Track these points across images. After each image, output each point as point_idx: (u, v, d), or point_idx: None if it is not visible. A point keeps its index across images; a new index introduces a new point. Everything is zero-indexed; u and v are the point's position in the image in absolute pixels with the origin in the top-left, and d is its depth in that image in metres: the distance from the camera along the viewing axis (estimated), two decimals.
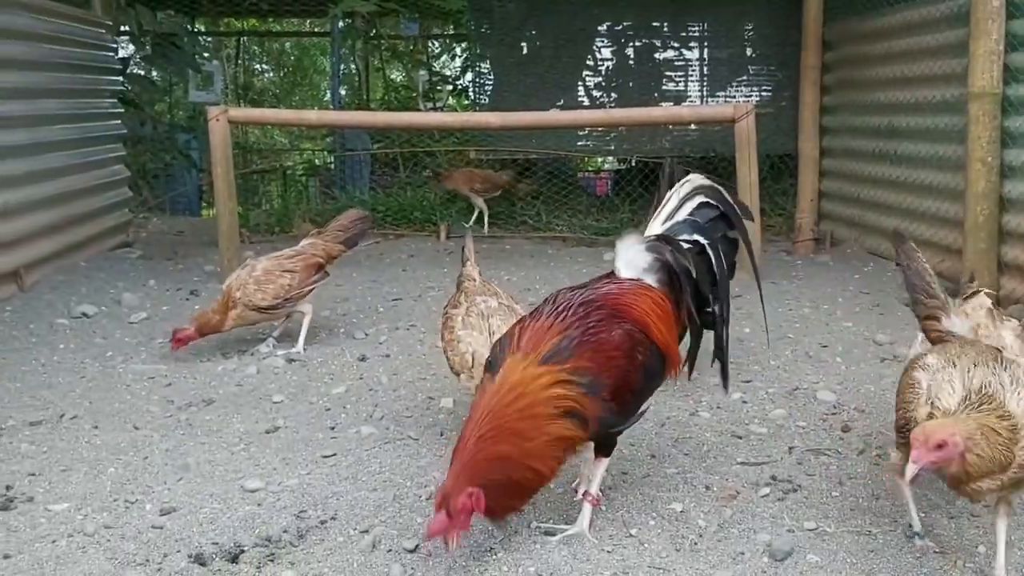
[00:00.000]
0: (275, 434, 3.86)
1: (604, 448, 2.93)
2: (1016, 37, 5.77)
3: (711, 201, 3.07)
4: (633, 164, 11.52)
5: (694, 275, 2.96)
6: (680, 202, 3.06)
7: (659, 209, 3.10)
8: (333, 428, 3.90)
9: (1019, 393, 2.40)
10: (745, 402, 4.22)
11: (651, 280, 2.95)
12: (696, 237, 3.02)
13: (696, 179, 3.13)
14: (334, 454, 3.58)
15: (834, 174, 8.71)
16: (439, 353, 4.14)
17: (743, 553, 2.76)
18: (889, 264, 7.32)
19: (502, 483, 2.58)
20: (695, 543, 2.83)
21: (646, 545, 2.82)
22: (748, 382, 4.49)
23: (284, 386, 4.51)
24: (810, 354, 4.94)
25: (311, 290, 5.18)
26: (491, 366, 2.77)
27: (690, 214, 3.06)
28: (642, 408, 2.93)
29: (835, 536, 2.88)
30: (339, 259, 5.47)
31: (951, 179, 6.45)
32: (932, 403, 2.48)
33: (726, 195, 3.12)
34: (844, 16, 8.32)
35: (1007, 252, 5.88)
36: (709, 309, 3.03)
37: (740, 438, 3.76)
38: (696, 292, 2.98)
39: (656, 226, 3.07)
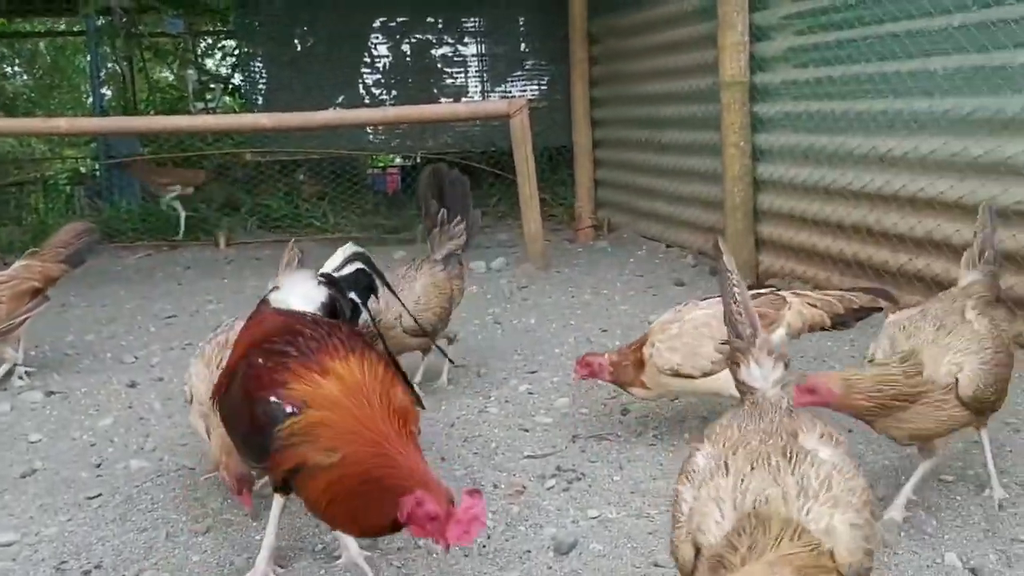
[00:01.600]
0: (32, 477, 3.52)
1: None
2: (759, 28, 6.20)
3: (366, 269, 3.08)
4: (419, 160, 11.52)
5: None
6: (344, 261, 3.04)
7: (328, 262, 3.05)
8: (99, 465, 3.61)
9: (808, 508, 1.74)
10: (532, 393, 4.28)
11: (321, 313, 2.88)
12: (352, 295, 3.01)
13: (352, 246, 3.13)
14: (99, 494, 3.31)
15: (607, 164, 9.07)
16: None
17: (529, 551, 2.79)
18: (660, 247, 7.72)
19: None
20: (483, 545, 2.83)
21: (434, 554, 2.79)
22: (534, 372, 4.57)
23: (43, 423, 4.13)
24: (591, 340, 5.10)
25: (24, 320, 4.58)
26: None
27: (352, 273, 3.04)
28: None
29: (616, 522, 2.97)
30: (62, 280, 4.91)
31: (710, 164, 6.86)
32: (695, 538, 1.80)
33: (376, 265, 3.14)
34: (606, 11, 8.66)
35: (762, 230, 6.33)
36: None
37: (527, 431, 3.81)
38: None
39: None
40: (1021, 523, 2.80)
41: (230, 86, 13.77)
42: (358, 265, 3.06)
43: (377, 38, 11.40)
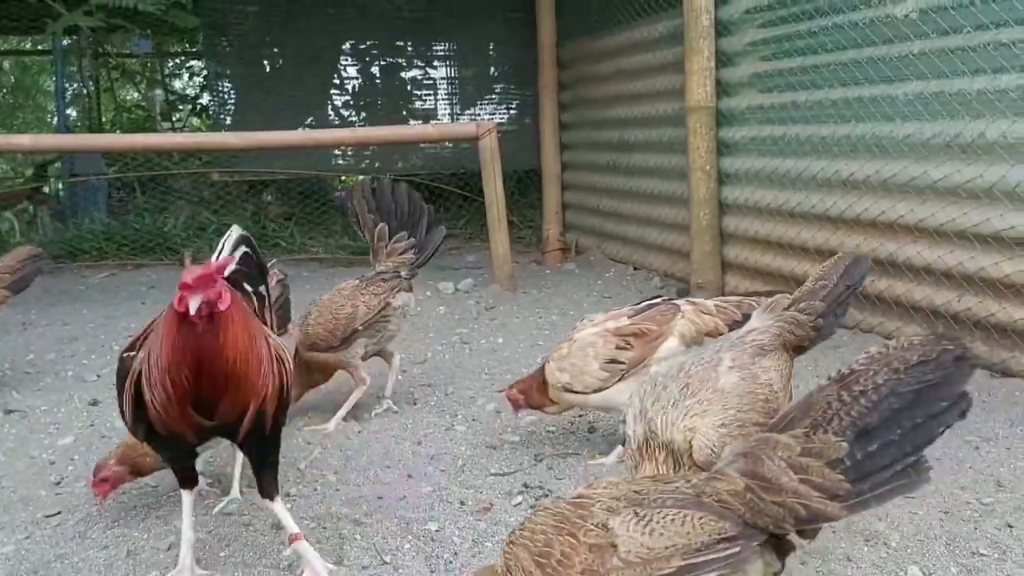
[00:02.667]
0: None
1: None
2: (725, 55, 6.29)
3: (251, 253, 3.05)
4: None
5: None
6: (233, 247, 3.00)
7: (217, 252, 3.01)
8: (58, 483, 3.55)
9: None
10: (499, 412, 4.27)
11: None
12: (247, 287, 2.99)
13: (237, 229, 3.10)
14: (58, 512, 3.26)
15: (575, 187, 9.13)
16: None
17: None
18: (627, 269, 7.77)
19: None
20: (449, 562, 2.82)
21: (400, 571, 2.77)
22: (501, 392, 4.55)
23: (0, 441, 4.05)
24: None
25: None
26: None
27: (242, 258, 3.00)
28: None
29: None
30: (20, 299, 4.86)
31: (677, 187, 6.93)
32: None
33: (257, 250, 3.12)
34: (576, 36, 8.76)
35: (728, 252, 6.40)
36: None
37: (494, 448, 3.80)
38: None
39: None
40: (981, 537, 2.84)
41: (198, 106, 13.71)
42: (244, 249, 3.03)
43: (347, 60, 11.40)
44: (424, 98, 11.64)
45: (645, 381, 2.70)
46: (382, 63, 11.51)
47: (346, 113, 11.43)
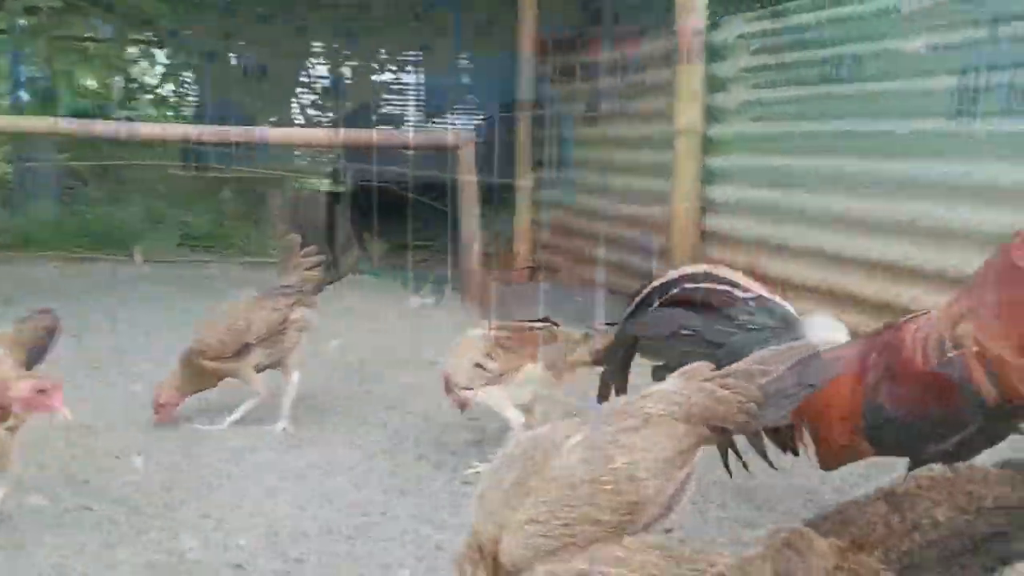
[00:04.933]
0: None
1: None
2: (716, 79, 6.13)
3: None
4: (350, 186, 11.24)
5: None
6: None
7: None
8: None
9: None
10: (478, 442, 4.06)
11: None
12: None
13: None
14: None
15: (548, 205, 8.93)
16: (134, 398, 3.81)
17: None
18: (600, 291, 7.58)
19: None
20: None
21: None
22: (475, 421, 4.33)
23: None
24: None
25: None
26: None
27: None
28: None
29: None
30: None
31: (657, 212, 6.74)
32: None
33: None
34: (556, 52, 8.57)
35: None
36: None
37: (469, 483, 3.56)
38: None
39: None
40: None
41: (158, 95, 13.27)
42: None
43: (316, 59, 11.12)
44: (394, 103, 11.40)
45: (494, 460, 2.29)
46: (352, 65, 11.25)
47: (312, 112, 11.14)
